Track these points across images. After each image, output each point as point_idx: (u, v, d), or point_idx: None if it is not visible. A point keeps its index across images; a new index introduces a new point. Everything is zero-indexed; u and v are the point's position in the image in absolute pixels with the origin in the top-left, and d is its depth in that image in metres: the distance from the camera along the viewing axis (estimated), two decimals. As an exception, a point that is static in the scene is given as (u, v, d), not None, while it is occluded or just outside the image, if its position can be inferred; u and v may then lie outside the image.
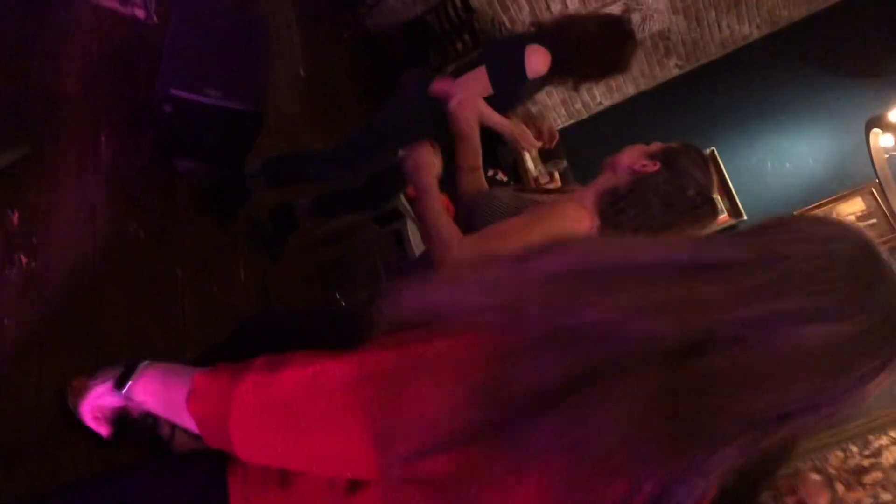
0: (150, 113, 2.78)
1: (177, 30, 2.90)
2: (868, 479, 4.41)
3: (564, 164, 5.26)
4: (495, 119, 2.77)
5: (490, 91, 2.74)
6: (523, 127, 2.87)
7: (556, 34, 2.75)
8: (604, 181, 1.81)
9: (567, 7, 5.55)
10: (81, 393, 1.11)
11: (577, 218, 1.70)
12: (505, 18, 5.52)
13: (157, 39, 3.00)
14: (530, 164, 5.14)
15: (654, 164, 1.75)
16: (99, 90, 2.70)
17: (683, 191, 1.73)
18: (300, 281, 3.43)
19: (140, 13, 3.10)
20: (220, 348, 2.15)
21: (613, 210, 1.74)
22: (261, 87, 2.96)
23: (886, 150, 3.83)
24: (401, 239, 3.56)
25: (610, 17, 2.86)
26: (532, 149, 3.09)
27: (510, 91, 2.81)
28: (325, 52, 4.73)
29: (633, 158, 1.79)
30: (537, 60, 2.72)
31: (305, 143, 3.98)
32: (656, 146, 1.83)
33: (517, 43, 2.78)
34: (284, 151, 3.25)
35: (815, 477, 2.96)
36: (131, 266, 2.51)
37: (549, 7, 5.53)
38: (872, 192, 5.04)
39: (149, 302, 2.53)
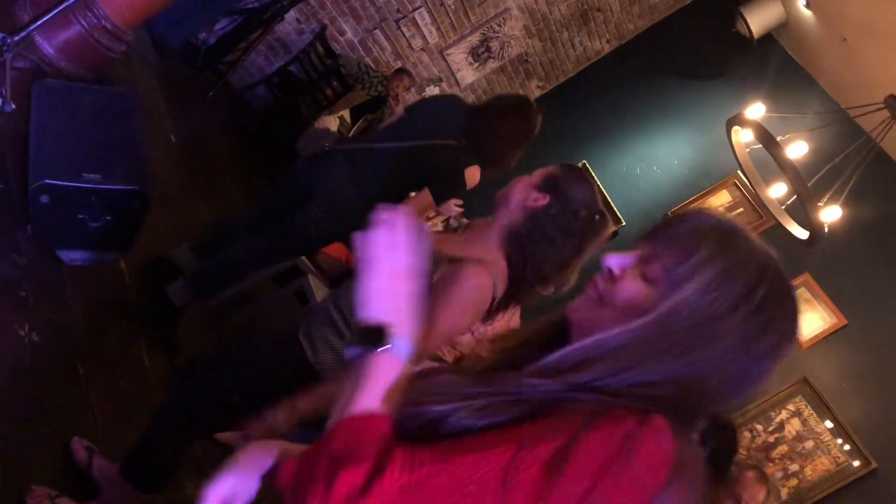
0: (25, 206, 2.61)
1: (40, 115, 2.75)
2: (776, 453, 4.67)
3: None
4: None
5: (434, 205, 3.16)
6: None
7: (475, 144, 2.96)
8: (501, 219, 1.91)
9: (427, 43, 5.65)
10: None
11: (478, 285, 1.79)
12: (369, 60, 5.55)
13: (20, 127, 2.83)
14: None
15: (543, 197, 1.85)
16: (-36, 190, 2.52)
17: (576, 213, 1.86)
18: (208, 356, 3.30)
19: (-5, 102, 2.92)
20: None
21: (520, 253, 1.88)
22: (140, 163, 2.85)
23: (747, 145, 4.08)
24: (304, 297, 3.48)
25: (508, 100, 3.07)
26: None
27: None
28: (192, 116, 4.61)
29: (522, 193, 1.89)
30: (473, 176, 3.00)
31: (189, 207, 3.85)
32: (538, 175, 1.91)
33: (455, 166, 3.00)
34: (204, 267, 3.17)
35: (751, 474, 3.11)
36: (29, 371, 2.34)
37: (410, 45, 5.61)
38: (736, 184, 5.39)
39: (54, 405, 2.36)
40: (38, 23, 2.79)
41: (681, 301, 0.85)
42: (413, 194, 3.21)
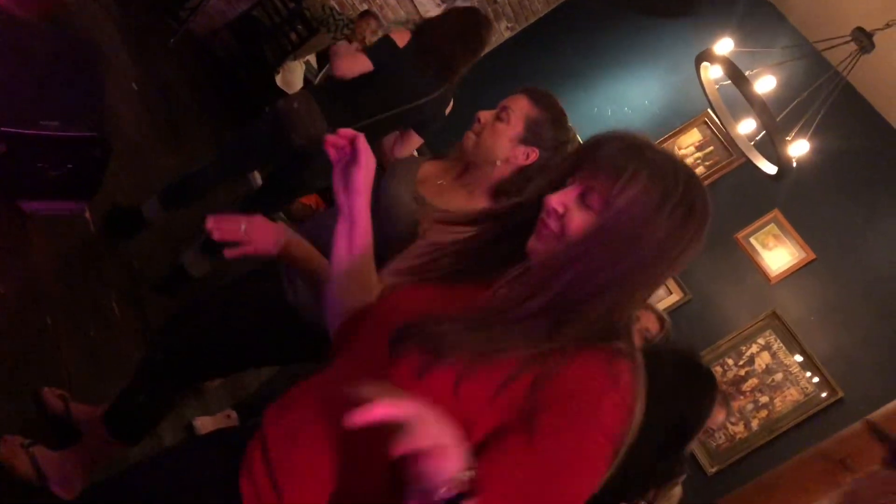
0: (-18, 156, 2.55)
1: (-7, 62, 2.67)
2: (746, 386, 4.76)
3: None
4: None
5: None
6: None
7: (429, 56, 3.01)
8: (487, 174, 1.90)
9: (393, -16, 5.55)
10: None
11: None
12: (334, 2, 5.44)
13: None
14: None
15: (533, 151, 1.86)
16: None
17: (560, 150, 1.90)
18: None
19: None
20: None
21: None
22: (101, 110, 2.78)
23: (716, 81, 4.05)
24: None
25: (456, 10, 3.08)
26: None
27: None
28: (154, 63, 4.50)
29: (508, 149, 1.87)
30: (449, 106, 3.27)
31: (154, 157, 3.79)
32: (519, 122, 1.88)
33: (438, 106, 3.19)
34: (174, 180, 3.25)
35: None
36: (-4, 324, 2.32)
37: (376, -14, 5.51)
38: (706, 122, 5.39)
39: (24, 356, 2.34)
40: (-15, -35, 2.70)
41: (619, 209, 1.02)
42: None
